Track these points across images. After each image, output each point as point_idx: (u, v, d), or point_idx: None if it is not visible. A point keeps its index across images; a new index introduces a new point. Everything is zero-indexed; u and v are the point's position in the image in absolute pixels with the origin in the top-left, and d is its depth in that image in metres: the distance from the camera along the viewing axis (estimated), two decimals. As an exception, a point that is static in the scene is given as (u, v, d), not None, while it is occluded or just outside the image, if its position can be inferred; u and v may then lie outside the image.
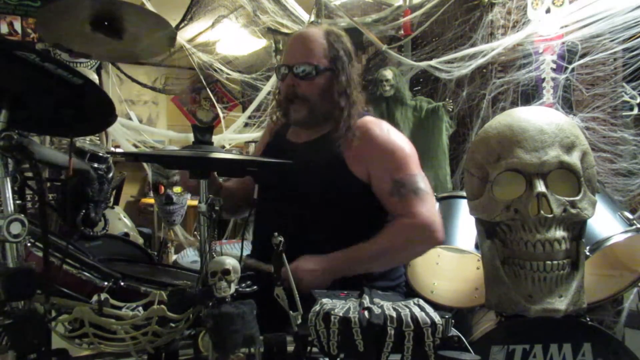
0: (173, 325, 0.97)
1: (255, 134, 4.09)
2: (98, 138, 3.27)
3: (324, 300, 0.98)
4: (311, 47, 1.54)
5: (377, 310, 0.93)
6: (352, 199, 1.49)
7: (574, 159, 1.28)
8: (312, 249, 1.42)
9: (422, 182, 1.47)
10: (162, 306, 0.95)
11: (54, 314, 0.96)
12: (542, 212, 1.23)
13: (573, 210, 1.26)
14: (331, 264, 1.40)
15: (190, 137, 1.13)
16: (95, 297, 0.97)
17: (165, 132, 5.25)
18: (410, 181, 1.45)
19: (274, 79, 3.53)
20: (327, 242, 1.43)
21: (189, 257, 2.56)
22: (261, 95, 3.73)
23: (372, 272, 1.48)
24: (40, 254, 1.19)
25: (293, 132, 1.66)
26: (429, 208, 1.44)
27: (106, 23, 1.60)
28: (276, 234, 0.97)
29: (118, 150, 3.93)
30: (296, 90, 1.54)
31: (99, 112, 1.11)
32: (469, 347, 0.97)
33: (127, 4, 1.61)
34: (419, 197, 1.44)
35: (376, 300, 1.01)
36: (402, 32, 3.49)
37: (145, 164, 4.09)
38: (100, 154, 2.23)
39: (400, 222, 1.44)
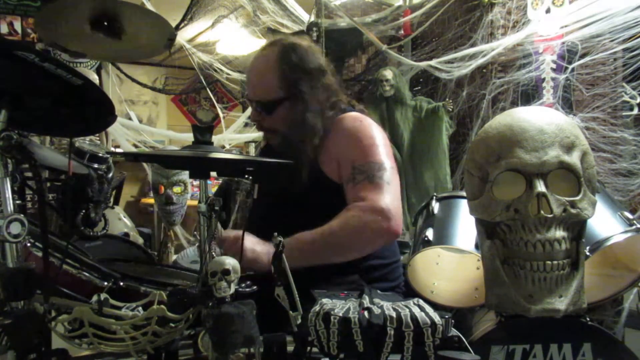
0: (173, 325, 0.96)
1: (255, 134, 4.09)
2: (98, 138, 3.28)
3: (324, 300, 0.98)
4: (262, 81, 1.51)
5: (377, 311, 0.93)
6: (322, 199, 1.46)
7: (574, 159, 1.28)
8: None
9: (383, 171, 1.39)
10: (162, 306, 0.94)
11: (53, 314, 0.96)
12: (542, 212, 1.23)
13: (573, 210, 1.26)
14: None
15: (190, 137, 1.13)
16: (95, 297, 0.97)
17: (165, 132, 5.26)
18: (368, 168, 1.39)
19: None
20: None
21: (189, 257, 2.56)
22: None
23: (327, 263, 1.38)
24: (40, 254, 1.19)
25: None
26: (384, 196, 1.36)
27: (105, 23, 1.60)
28: (276, 234, 0.97)
29: (118, 150, 3.93)
30: (262, 123, 1.55)
31: (99, 112, 1.11)
32: (469, 347, 0.97)
33: (126, 4, 1.61)
34: (374, 184, 1.37)
35: (376, 300, 1.01)
36: (402, 32, 3.50)
37: (145, 164, 4.10)
38: (100, 154, 2.23)
39: (350, 207, 1.37)
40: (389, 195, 1.37)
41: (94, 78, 3.42)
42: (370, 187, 1.37)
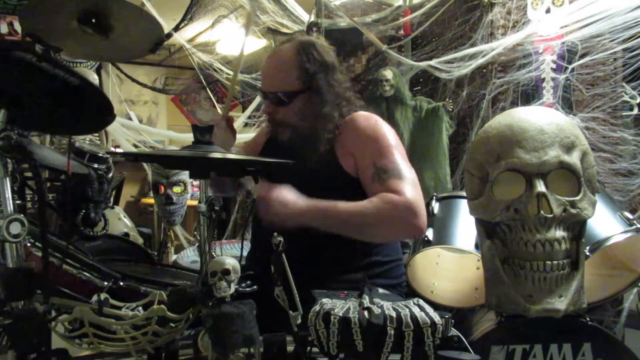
0: (173, 325, 0.96)
1: (255, 134, 4.08)
2: (98, 138, 3.28)
3: (324, 300, 0.98)
4: (281, 73, 1.53)
5: (377, 310, 0.93)
6: (343, 193, 1.45)
7: (574, 159, 1.28)
8: (306, 246, 1.40)
9: (407, 171, 1.42)
10: (162, 306, 0.94)
11: (54, 314, 0.96)
12: (542, 212, 1.23)
13: (573, 210, 1.26)
14: (307, 208, 1.36)
15: (190, 137, 1.13)
16: (95, 297, 0.97)
17: (165, 132, 5.26)
18: (393, 167, 1.41)
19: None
20: (320, 239, 1.41)
21: (189, 257, 2.56)
22: (261, 95, 3.73)
23: (348, 236, 1.40)
24: (40, 254, 1.19)
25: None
26: (415, 193, 1.38)
27: (94, 20, 1.58)
28: (276, 233, 0.97)
29: (118, 150, 3.93)
30: (275, 116, 1.56)
31: (97, 111, 1.11)
32: (469, 347, 0.97)
33: (116, 1, 1.58)
34: (404, 180, 1.39)
35: (376, 300, 1.01)
36: (402, 32, 3.50)
37: (145, 164, 4.10)
38: (100, 154, 2.24)
39: (386, 195, 1.38)
40: (418, 195, 1.41)
41: (94, 78, 3.41)
42: (401, 183, 1.39)
